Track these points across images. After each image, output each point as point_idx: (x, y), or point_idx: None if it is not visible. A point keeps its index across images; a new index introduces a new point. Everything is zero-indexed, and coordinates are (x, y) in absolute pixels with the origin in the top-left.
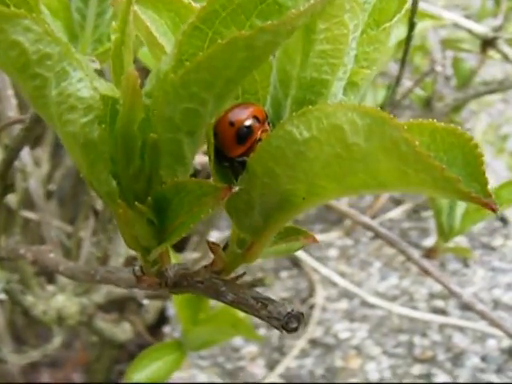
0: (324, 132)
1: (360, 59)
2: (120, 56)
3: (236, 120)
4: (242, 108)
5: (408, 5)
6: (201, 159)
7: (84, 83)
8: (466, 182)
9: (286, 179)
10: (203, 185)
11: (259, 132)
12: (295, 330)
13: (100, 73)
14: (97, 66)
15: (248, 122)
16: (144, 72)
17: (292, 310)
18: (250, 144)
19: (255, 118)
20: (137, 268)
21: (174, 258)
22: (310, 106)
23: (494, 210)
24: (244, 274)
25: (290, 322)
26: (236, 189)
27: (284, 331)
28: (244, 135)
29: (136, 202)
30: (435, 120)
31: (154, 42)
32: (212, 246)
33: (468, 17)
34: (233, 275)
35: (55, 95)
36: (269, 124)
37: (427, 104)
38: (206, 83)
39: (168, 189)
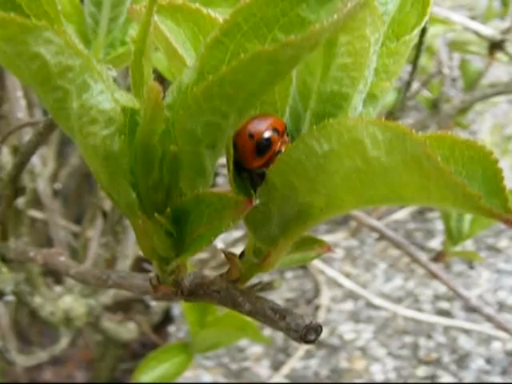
0: (344, 145)
1: (380, 71)
2: (140, 67)
3: (256, 132)
4: (262, 120)
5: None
6: None
7: (105, 95)
8: (486, 198)
9: (305, 191)
10: (223, 197)
11: (279, 144)
12: (313, 341)
13: (115, 80)
14: (114, 74)
15: (267, 134)
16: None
17: (310, 322)
18: (269, 156)
19: (275, 129)
20: (152, 275)
21: (189, 264)
22: (330, 119)
23: None
24: (260, 283)
25: (309, 334)
26: (256, 202)
27: (302, 343)
28: (264, 147)
29: (155, 214)
30: (442, 121)
31: (173, 52)
32: (228, 256)
33: (474, 17)
34: (248, 284)
35: (76, 107)
36: (287, 135)
37: (434, 106)
38: (229, 97)
39: (188, 201)
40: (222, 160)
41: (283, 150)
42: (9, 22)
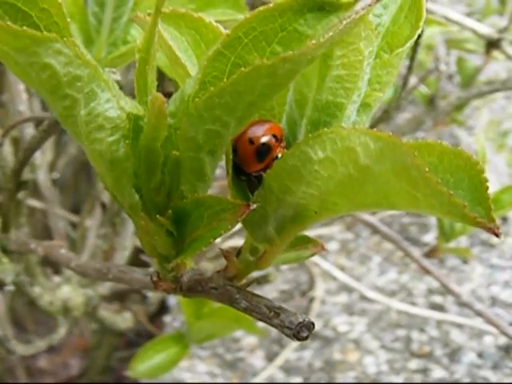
0: (338, 153)
1: (373, 82)
2: (144, 75)
3: (256, 138)
4: (261, 125)
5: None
6: None
7: (111, 104)
8: (470, 206)
9: (301, 195)
10: (222, 201)
11: (278, 149)
12: (306, 338)
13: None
14: (118, 77)
15: (267, 140)
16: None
17: (303, 320)
18: (268, 160)
19: (274, 135)
20: (152, 271)
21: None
22: (325, 128)
23: (496, 235)
24: (256, 279)
25: (302, 332)
26: (254, 206)
27: (295, 339)
28: (263, 153)
29: (157, 215)
30: (438, 117)
31: (176, 60)
32: (225, 254)
33: (472, 13)
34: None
35: (84, 115)
36: (284, 141)
37: (430, 102)
38: (229, 107)
39: (188, 203)
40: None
41: (280, 155)
42: (21, 34)
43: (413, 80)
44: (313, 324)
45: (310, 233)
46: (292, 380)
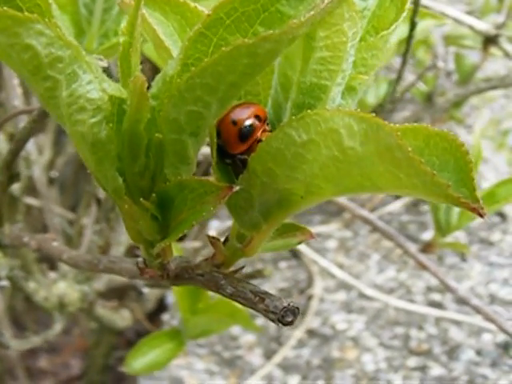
0: (322, 135)
1: (358, 65)
2: (128, 58)
3: (238, 119)
4: (244, 107)
5: (409, 4)
6: (203, 150)
7: (93, 85)
8: (455, 187)
9: (285, 179)
10: (205, 184)
11: (260, 130)
12: (291, 323)
13: (107, 69)
14: (104, 64)
15: (250, 121)
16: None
17: (288, 305)
18: (251, 141)
19: (257, 116)
20: (140, 260)
21: (176, 249)
22: (309, 110)
23: (481, 216)
24: (243, 267)
25: (286, 316)
26: (237, 188)
27: (280, 324)
28: (246, 133)
29: (141, 199)
30: (436, 115)
31: (160, 44)
32: (212, 240)
33: (471, 12)
34: (232, 268)
35: (66, 96)
36: (268, 124)
37: (428, 99)
38: (210, 88)
39: (172, 186)
40: None
41: (264, 138)
42: (2, 14)
43: (411, 77)
44: (297, 309)
45: None
46: (290, 378)
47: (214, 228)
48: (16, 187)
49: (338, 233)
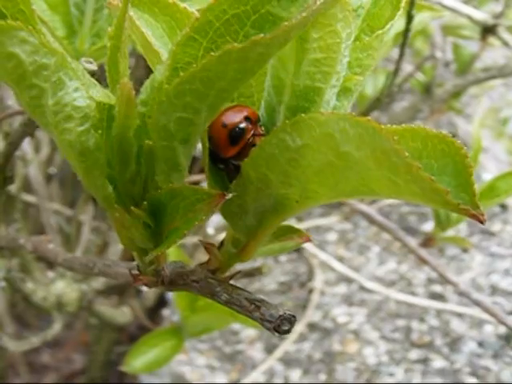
0: (316, 140)
1: (353, 65)
2: (116, 63)
3: (228, 121)
4: (234, 110)
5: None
6: (200, 146)
7: (80, 93)
8: (455, 192)
9: (280, 184)
10: (198, 191)
11: (251, 133)
12: (287, 332)
13: (98, 72)
14: (94, 67)
15: (240, 123)
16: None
17: (284, 313)
18: (242, 144)
19: (247, 118)
20: (134, 264)
21: (175, 250)
22: (303, 114)
23: (481, 222)
24: (239, 272)
25: (282, 325)
26: (229, 196)
27: (276, 333)
28: (237, 136)
29: (132, 207)
30: (435, 105)
31: (149, 47)
32: (207, 246)
33: (469, 2)
34: (228, 274)
35: (52, 105)
36: (261, 127)
37: (427, 89)
38: (200, 94)
39: (163, 194)
40: None
41: (257, 142)
42: None
43: (409, 67)
44: (294, 317)
45: (308, 224)
46: (292, 372)
47: (214, 223)
48: (13, 186)
49: (337, 225)
